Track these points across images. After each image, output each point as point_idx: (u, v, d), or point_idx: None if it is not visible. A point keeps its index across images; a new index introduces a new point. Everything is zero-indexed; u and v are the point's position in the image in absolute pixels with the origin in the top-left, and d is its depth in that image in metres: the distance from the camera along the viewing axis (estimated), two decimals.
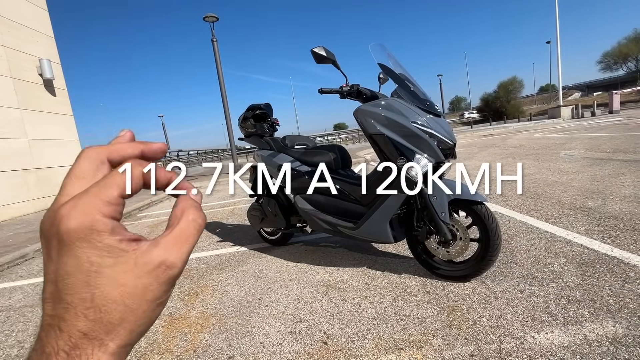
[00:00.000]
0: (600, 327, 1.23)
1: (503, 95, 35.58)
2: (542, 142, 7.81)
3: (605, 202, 2.64)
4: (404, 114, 1.68)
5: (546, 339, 1.21)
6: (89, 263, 0.18)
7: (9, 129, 6.17)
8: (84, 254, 0.18)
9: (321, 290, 1.83)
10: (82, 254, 0.18)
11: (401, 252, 2.20)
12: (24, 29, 6.80)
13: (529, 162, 5.13)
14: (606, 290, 1.45)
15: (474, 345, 1.23)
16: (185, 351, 1.43)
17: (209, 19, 9.31)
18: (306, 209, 2.12)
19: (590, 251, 1.85)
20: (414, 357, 1.22)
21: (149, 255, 0.19)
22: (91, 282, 0.18)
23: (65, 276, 0.18)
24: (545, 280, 1.61)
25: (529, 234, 2.21)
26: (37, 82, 6.94)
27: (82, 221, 0.18)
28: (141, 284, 0.19)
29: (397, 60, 1.94)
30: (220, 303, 1.83)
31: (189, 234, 0.20)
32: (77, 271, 0.18)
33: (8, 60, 6.29)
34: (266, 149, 2.46)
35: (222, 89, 9.88)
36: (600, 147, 5.61)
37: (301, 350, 1.34)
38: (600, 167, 3.95)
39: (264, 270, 2.22)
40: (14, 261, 3.12)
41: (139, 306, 0.19)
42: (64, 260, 0.18)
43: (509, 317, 1.36)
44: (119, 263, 0.18)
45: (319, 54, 1.74)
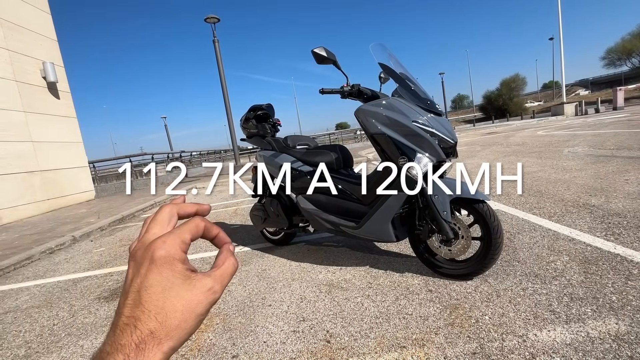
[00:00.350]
0: (603, 324, 1.23)
1: (506, 92, 35.41)
2: (545, 139, 7.77)
3: (609, 199, 2.63)
4: (405, 113, 1.69)
5: (549, 337, 1.21)
6: (167, 280, 0.26)
7: (13, 131, 6.24)
8: (165, 273, 0.26)
9: (324, 289, 1.84)
10: (164, 273, 0.26)
11: (403, 251, 2.20)
12: (28, 33, 6.87)
13: (531, 159, 5.11)
14: (609, 288, 1.45)
15: (477, 343, 1.24)
16: (190, 350, 1.45)
17: (211, 20, 9.35)
18: (308, 208, 2.13)
19: (593, 249, 1.84)
20: (416, 356, 1.22)
21: (204, 281, 0.27)
22: (165, 293, 0.26)
23: (149, 287, 0.26)
24: (547, 278, 1.61)
25: (532, 232, 2.20)
26: (40, 85, 7.01)
27: (168, 252, 0.27)
28: (196, 300, 0.26)
29: (397, 59, 1.95)
30: (224, 303, 1.85)
31: (229, 273, 0.29)
32: (158, 284, 0.26)
33: (12, 63, 6.36)
34: (268, 150, 2.47)
35: (224, 90, 9.91)
36: (604, 144, 5.58)
37: (304, 349, 1.35)
38: (604, 164, 3.93)
39: (267, 269, 2.23)
40: (20, 262, 3.16)
41: (190, 317, 0.26)
42: (150, 276, 0.26)
43: (512, 315, 1.37)
44: (185, 283, 0.26)
45: (319, 55, 1.74)
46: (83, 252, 3.43)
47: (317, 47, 1.76)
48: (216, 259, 0.30)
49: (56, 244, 3.64)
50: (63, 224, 4.88)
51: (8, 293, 2.49)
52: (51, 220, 5.52)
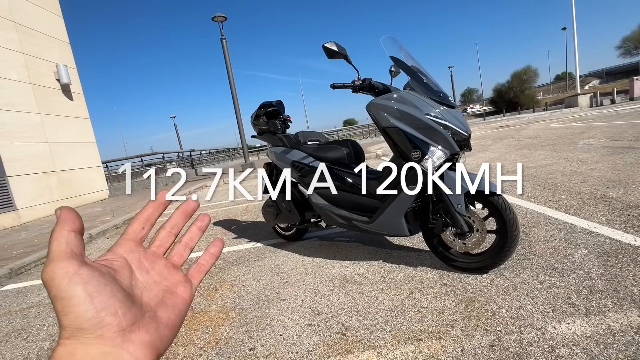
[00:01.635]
0: (625, 317, 1.21)
1: (517, 85, 34.64)
2: (559, 132, 7.60)
3: (628, 191, 2.56)
4: (417, 107, 1.68)
5: (568, 329, 1.19)
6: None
7: (30, 133, 6.40)
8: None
9: (338, 283, 1.85)
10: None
11: (416, 245, 2.19)
12: (41, 36, 7.02)
13: (545, 152, 5.01)
14: (630, 280, 1.42)
15: (494, 335, 1.23)
16: (208, 343, 1.48)
17: (218, 18, 9.38)
18: (321, 204, 2.14)
19: (612, 241, 1.80)
20: (433, 348, 1.22)
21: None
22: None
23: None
24: (565, 271, 1.59)
25: (548, 225, 2.17)
26: (55, 87, 7.17)
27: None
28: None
29: (408, 52, 1.93)
30: (239, 297, 1.87)
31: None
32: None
33: (27, 67, 6.51)
34: (279, 146, 2.48)
35: (232, 88, 9.96)
36: (621, 135, 5.43)
37: (320, 341, 1.37)
38: (621, 156, 3.83)
39: (280, 265, 2.25)
40: (40, 260, 3.26)
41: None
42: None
43: (529, 308, 1.35)
44: None
45: (330, 49, 1.74)
46: (100, 249, 3.52)
47: (327, 41, 1.75)
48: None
49: None
50: None
51: (30, 289, 2.57)
52: None
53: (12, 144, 6.02)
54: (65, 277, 0.21)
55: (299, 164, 2.26)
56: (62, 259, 0.21)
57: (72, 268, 0.21)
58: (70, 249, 0.22)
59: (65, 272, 0.21)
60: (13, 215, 5.84)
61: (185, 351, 1.44)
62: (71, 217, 0.24)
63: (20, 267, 3.04)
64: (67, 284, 0.21)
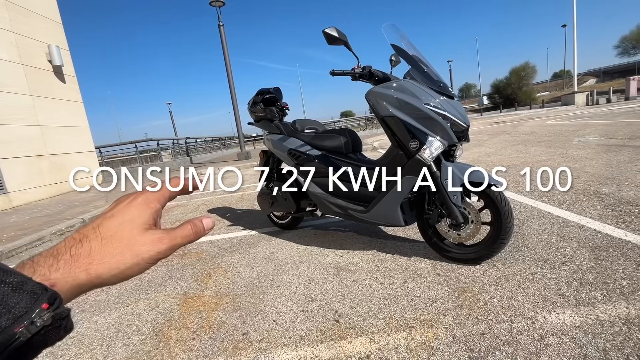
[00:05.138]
0: (613, 308, 1.23)
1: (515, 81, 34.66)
2: (555, 128, 7.65)
3: (620, 187, 2.59)
4: (417, 96, 1.66)
5: (558, 319, 1.21)
6: (130, 215, 0.30)
7: (21, 115, 6.27)
8: (133, 210, 0.30)
9: (332, 271, 1.85)
10: (132, 210, 0.30)
11: (411, 235, 2.20)
12: (33, 15, 6.81)
13: (541, 148, 5.04)
14: (619, 274, 1.45)
15: (485, 324, 1.25)
16: (201, 327, 1.48)
17: (216, 3, 9.18)
18: (316, 192, 2.13)
19: (603, 236, 1.83)
20: (425, 335, 1.24)
21: (156, 232, 0.30)
22: (122, 225, 0.29)
23: (112, 215, 0.30)
24: (557, 263, 1.61)
25: (541, 219, 2.19)
26: (46, 69, 7.00)
27: (147, 198, 0.31)
28: (141, 242, 0.29)
29: (410, 41, 1.90)
30: (233, 283, 1.87)
31: (181, 236, 0.31)
32: (121, 216, 0.30)
33: (18, 46, 6.34)
34: (276, 134, 2.45)
35: (229, 76, 9.82)
36: (616, 133, 5.47)
37: (313, 327, 1.38)
38: (615, 154, 3.87)
39: (274, 252, 2.25)
40: (31, 243, 3.22)
41: (129, 254, 0.28)
42: (120, 208, 0.30)
43: (520, 299, 1.37)
44: (141, 227, 0.29)
45: (331, 35, 1.71)
46: None
47: (328, 27, 1.72)
48: (183, 222, 0.32)
49: (66, 226, 3.70)
50: (72, 207, 4.95)
51: None
52: (60, 203, 5.60)
53: (2, 126, 5.90)
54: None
55: (296, 152, 2.25)
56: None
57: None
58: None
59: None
60: (4, 198, 5.76)
61: (178, 335, 1.45)
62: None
63: (10, 250, 3.00)
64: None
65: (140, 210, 0.30)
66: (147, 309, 1.72)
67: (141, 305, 1.77)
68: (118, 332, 1.54)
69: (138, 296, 1.87)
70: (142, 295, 1.88)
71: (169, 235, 0.30)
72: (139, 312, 1.70)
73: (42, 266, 0.25)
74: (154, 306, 1.73)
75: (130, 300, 1.84)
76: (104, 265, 0.27)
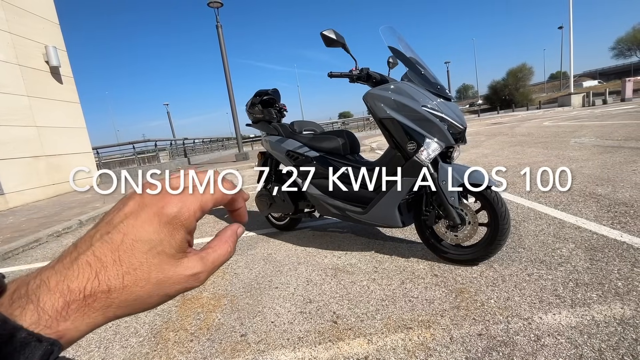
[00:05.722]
0: (609, 308, 1.24)
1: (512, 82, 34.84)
2: (552, 130, 7.70)
3: (616, 189, 2.62)
4: (414, 98, 1.67)
5: (554, 320, 1.22)
6: (159, 243, 0.22)
7: (17, 116, 6.24)
8: (163, 234, 0.22)
9: (330, 273, 1.86)
10: (162, 234, 0.22)
11: (408, 237, 2.21)
12: (30, 16, 6.79)
13: (537, 150, 5.07)
14: (615, 274, 1.46)
15: (482, 325, 1.25)
16: (199, 329, 1.48)
17: (214, 4, 9.18)
18: (315, 194, 2.14)
19: (599, 236, 1.84)
20: (422, 336, 1.24)
21: (192, 263, 0.23)
22: (149, 256, 0.22)
23: (138, 240, 0.22)
24: (553, 264, 1.62)
25: (537, 220, 2.20)
26: (43, 70, 6.97)
27: (181, 214, 0.23)
28: (174, 279, 0.23)
29: (407, 43, 1.92)
30: (231, 285, 1.87)
31: (221, 261, 0.25)
32: (148, 242, 0.22)
33: (15, 47, 6.31)
34: (274, 135, 2.46)
35: (227, 77, 9.82)
36: (612, 134, 5.52)
37: (312, 329, 1.38)
38: (610, 155, 3.90)
39: (272, 254, 2.26)
40: (28, 245, 3.21)
41: (157, 294, 0.22)
42: (146, 228, 0.22)
43: (517, 299, 1.38)
44: (174, 257, 0.23)
45: (328, 37, 1.72)
46: None
47: (326, 29, 1.73)
48: (216, 238, 0.26)
49: (63, 228, 3.69)
50: (69, 208, 4.93)
51: (18, 274, 2.53)
52: (57, 204, 5.58)
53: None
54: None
55: (294, 153, 2.25)
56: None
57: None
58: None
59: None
60: (0, 199, 5.72)
61: (176, 336, 1.44)
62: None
63: (7, 251, 2.99)
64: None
65: (173, 229, 0.22)
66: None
67: None
68: (115, 334, 1.53)
69: None
70: None
71: (206, 265, 0.24)
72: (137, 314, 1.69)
73: (48, 312, 0.19)
74: None
75: None
76: (125, 309, 0.22)
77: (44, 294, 0.19)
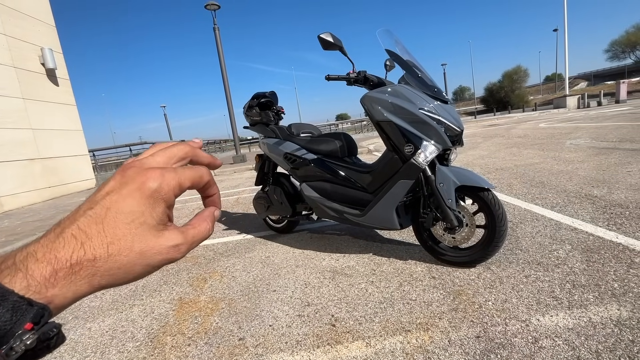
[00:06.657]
0: (605, 310, 1.25)
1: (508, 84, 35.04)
2: (547, 131, 7.75)
3: (611, 190, 2.64)
4: (411, 101, 1.68)
5: (551, 322, 1.23)
6: (141, 214, 0.23)
7: (13, 118, 6.20)
8: (144, 206, 0.23)
9: (328, 275, 1.86)
10: (143, 206, 0.23)
11: (406, 239, 2.22)
12: (26, 18, 6.76)
13: (533, 151, 5.10)
14: (611, 276, 1.47)
15: (480, 327, 1.26)
16: (197, 333, 1.47)
17: (211, 7, 9.18)
18: (312, 196, 2.14)
19: (595, 238, 1.86)
20: (420, 339, 1.24)
21: (173, 235, 0.25)
22: (132, 227, 0.23)
23: (120, 212, 0.23)
24: (550, 266, 1.63)
25: (534, 222, 2.22)
26: (39, 72, 6.94)
27: (161, 187, 0.24)
28: (156, 249, 0.24)
29: (404, 46, 1.93)
30: (229, 288, 1.87)
31: (200, 237, 0.27)
32: (130, 214, 0.23)
33: (10, 49, 6.28)
34: (272, 137, 2.46)
35: (224, 79, 9.81)
36: (607, 136, 5.56)
37: (310, 332, 1.37)
38: (606, 156, 3.93)
39: (270, 256, 2.25)
40: None
41: (140, 263, 0.23)
42: (128, 201, 0.23)
43: (514, 301, 1.39)
44: (155, 228, 0.24)
45: (326, 40, 1.72)
46: None
47: (323, 32, 1.73)
48: (195, 217, 0.28)
49: None
50: (65, 212, 4.89)
51: None
52: (52, 207, 5.53)
53: None
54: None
55: (292, 155, 2.25)
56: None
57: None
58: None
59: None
60: None
61: (173, 341, 1.44)
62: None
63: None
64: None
65: (154, 202, 0.24)
66: (141, 314, 1.70)
67: (136, 311, 1.75)
68: (112, 339, 1.52)
69: (132, 302, 1.86)
70: (137, 300, 1.86)
71: (186, 239, 0.25)
72: (134, 318, 1.68)
73: (36, 279, 0.20)
74: (149, 312, 1.72)
75: (124, 306, 1.82)
76: (110, 278, 0.23)
77: (32, 263, 0.21)
